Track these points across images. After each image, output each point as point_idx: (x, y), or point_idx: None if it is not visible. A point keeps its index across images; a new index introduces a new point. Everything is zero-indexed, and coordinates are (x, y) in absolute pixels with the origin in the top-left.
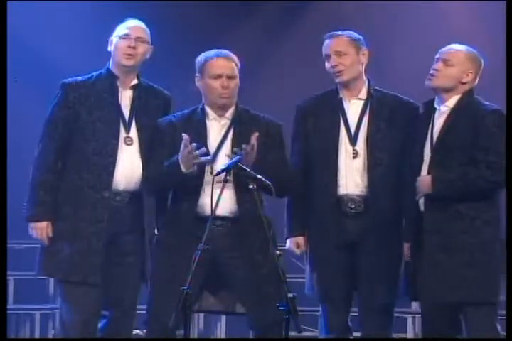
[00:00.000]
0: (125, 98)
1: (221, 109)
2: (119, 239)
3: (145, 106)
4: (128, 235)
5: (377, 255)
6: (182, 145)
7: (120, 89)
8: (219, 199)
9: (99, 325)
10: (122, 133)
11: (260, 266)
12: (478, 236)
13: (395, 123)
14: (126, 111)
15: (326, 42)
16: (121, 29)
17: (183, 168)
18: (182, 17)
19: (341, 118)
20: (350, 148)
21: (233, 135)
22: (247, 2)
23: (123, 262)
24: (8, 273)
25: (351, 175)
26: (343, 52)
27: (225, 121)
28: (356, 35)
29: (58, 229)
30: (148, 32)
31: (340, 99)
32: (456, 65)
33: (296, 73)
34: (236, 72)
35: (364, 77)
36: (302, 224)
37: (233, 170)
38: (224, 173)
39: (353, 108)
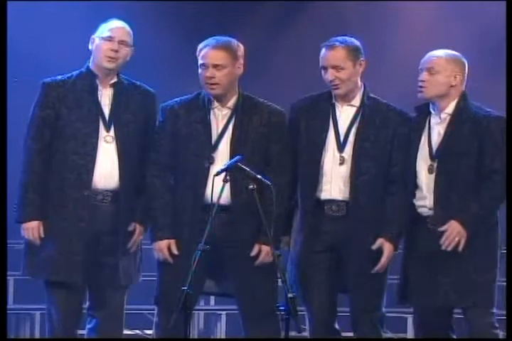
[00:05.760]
0: (105, 96)
1: (220, 99)
2: (100, 239)
3: (125, 103)
4: (109, 235)
5: (362, 258)
6: (163, 253)
7: (100, 87)
8: (221, 195)
9: (89, 325)
10: (102, 132)
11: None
12: (496, 239)
13: (385, 133)
14: (106, 109)
15: (323, 52)
16: (105, 30)
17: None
18: (181, 17)
19: (331, 123)
20: (337, 154)
21: (234, 124)
22: (247, 2)
23: (105, 263)
24: (8, 273)
25: (336, 181)
26: (341, 67)
27: (227, 111)
28: (355, 44)
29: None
30: (131, 34)
31: (333, 104)
32: (440, 71)
33: (296, 73)
34: (228, 61)
35: (360, 83)
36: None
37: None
38: (224, 173)
39: (345, 114)
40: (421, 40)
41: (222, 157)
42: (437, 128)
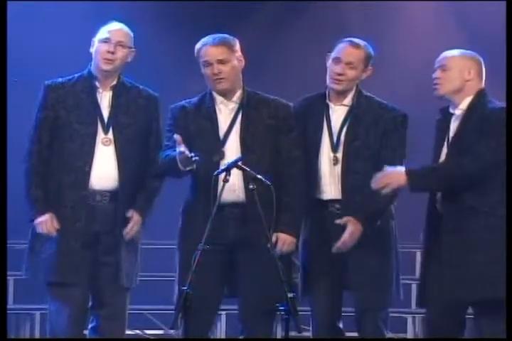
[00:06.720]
0: (105, 99)
1: (225, 94)
2: (100, 239)
3: (125, 105)
4: (109, 235)
5: (360, 256)
6: (177, 147)
7: (100, 90)
8: (221, 194)
9: (91, 325)
10: (100, 134)
11: (263, 251)
12: (496, 232)
13: (376, 131)
14: (105, 112)
15: (346, 47)
16: (103, 32)
17: (180, 167)
18: (181, 17)
19: (325, 124)
20: (332, 154)
21: (242, 119)
22: (247, 2)
23: (105, 262)
24: (8, 273)
25: (334, 181)
26: (354, 66)
27: (233, 105)
28: (372, 52)
29: None
30: (131, 35)
31: (327, 104)
32: (453, 68)
33: (296, 73)
34: (229, 55)
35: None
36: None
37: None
38: (224, 173)
39: (337, 114)
40: (421, 41)
41: (232, 151)
42: (453, 126)
